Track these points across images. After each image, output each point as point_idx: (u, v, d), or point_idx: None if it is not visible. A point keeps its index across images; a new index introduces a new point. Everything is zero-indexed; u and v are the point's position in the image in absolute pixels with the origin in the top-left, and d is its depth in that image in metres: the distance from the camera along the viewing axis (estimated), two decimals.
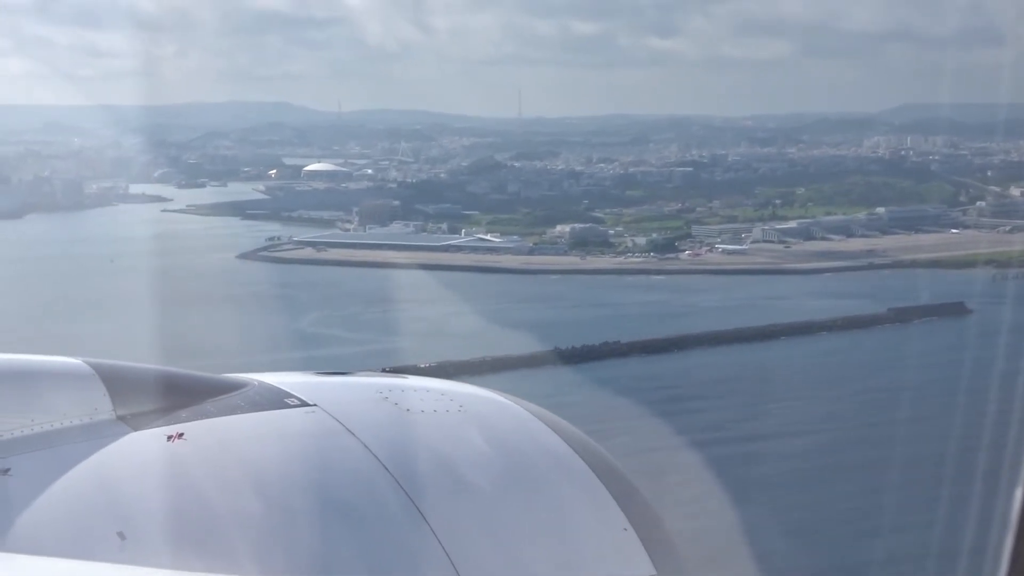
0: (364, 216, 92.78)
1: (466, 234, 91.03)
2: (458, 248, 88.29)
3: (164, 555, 4.78)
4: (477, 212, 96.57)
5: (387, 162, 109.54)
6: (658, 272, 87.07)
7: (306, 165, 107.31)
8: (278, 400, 5.77)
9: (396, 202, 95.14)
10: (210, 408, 5.64)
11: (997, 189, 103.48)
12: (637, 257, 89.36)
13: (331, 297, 78.10)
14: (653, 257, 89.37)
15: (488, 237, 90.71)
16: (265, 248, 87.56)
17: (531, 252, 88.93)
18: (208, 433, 5.43)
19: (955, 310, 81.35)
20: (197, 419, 5.52)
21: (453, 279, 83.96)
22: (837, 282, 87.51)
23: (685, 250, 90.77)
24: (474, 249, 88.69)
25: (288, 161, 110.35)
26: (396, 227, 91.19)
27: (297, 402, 5.71)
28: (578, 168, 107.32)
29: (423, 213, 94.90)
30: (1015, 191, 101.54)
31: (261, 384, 5.99)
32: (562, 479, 5.71)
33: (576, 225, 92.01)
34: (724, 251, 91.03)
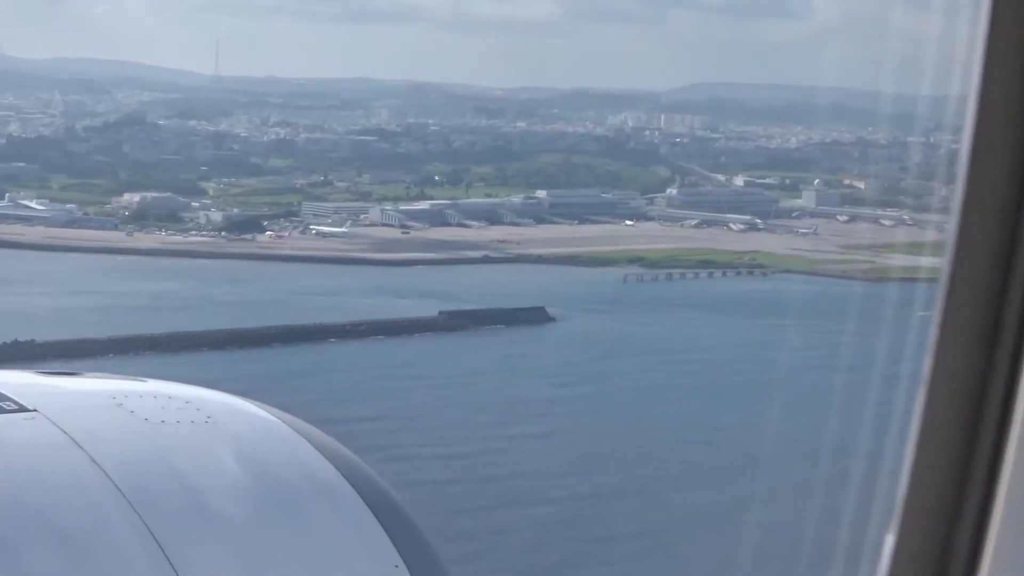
0: None
1: (10, 199, 74.71)
2: None
3: None
4: (64, 175, 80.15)
5: (38, 115, 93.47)
6: (209, 255, 70.00)
7: None
8: None
9: None
10: None
11: (721, 178, 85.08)
12: (203, 236, 72.31)
13: None
14: (224, 237, 72.31)
15: (32, 204, 74.29)
16: None
17: (70, 224, 72.40)
18: None
19: (532, 317, 63.50)
20: None
21: None
22: (424, 277, 69.88)
23: (268, 231, 73.68)
24: (4, 218, 72.49)
25: None
26: None
27: (14, 406, 4.71)
28: (239, 132, 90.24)
29: None
30: (739, 180, 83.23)
31: None
32: (326, 506, 4.80)
33: (148, 195, 75.11)
34: (319, 234, 73.73)
